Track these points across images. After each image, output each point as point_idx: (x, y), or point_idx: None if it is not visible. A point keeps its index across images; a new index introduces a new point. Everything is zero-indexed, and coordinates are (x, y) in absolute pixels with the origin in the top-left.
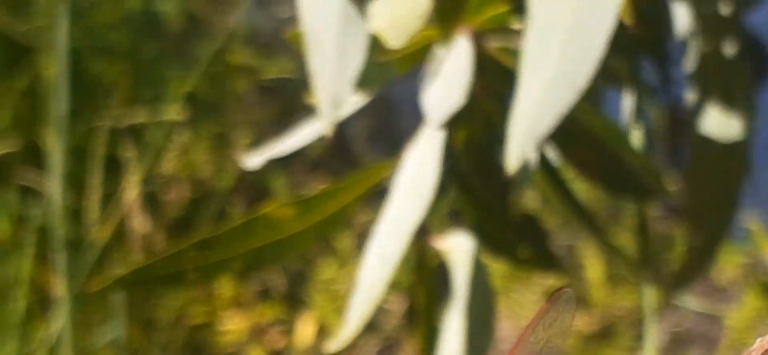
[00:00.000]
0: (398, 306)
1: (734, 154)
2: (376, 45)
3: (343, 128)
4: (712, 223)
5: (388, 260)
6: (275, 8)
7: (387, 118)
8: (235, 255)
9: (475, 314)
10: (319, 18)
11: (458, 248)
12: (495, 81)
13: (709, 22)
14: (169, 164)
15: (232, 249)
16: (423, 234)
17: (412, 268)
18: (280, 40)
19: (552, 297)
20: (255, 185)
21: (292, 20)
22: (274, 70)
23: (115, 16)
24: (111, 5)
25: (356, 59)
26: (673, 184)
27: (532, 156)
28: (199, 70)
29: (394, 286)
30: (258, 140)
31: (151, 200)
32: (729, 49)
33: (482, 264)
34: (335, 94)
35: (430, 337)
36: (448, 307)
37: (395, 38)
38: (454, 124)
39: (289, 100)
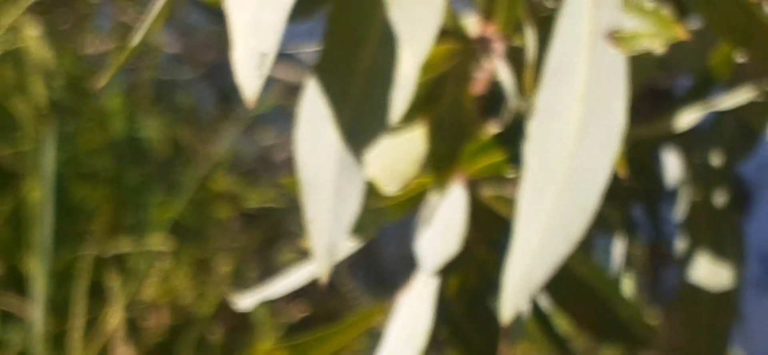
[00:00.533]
0: None
1: (723, 302)
2: (370, 191)
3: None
4: None
5: None
6: (259, 135)
7: (368, 246)
8: None
9: None
10: (316, 164)
11: None
12: (489, 229)
13: (700, 172)
14: (150, 290)
15: None
16: None
17: None
18: (264, 166)
19: None
20: (235, 312)
21: (276, 147)
22: (258, 197)
23: (99, 142)
24: (95, 131)
25: (353, 206)
26: (656, 320)
27: (526, 306)
28: (183, 196)
29: None
30: (240, 268)
31: (132, 326)
32: (719, 198)
33: None
34: (331, 241)
35: None
36: None
37: (390, 185)
38: (448, 271)
39: (272, 228)
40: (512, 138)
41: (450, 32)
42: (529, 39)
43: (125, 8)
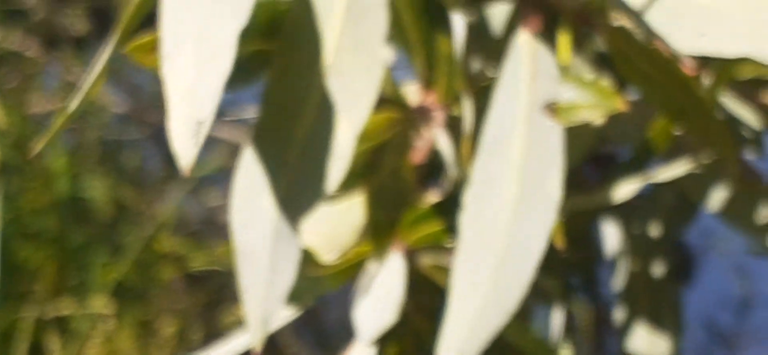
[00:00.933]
0: None
1: None
2: (308, 259)
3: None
4: None
5: None
6: (205, 196)
7: (313, 308)
8: None
9: None
10: (251, 234)
11: None
12: (427, 298)
13: (638, 242)
14: (92, 352)
15: None
16: None
17: None
18: (209, 227)
19: None
20: None
21: (221, 208)
22: (202, 258)
23: (43, 201)
24: (40, 191)
25: (288, 276)
26: None
27: None
28: (127, 257)
29: None
30: (184, 330)
31: None
32: (657, 268)
33: None
34: (265, 312)
35: None
36: None
37: (328, 253)
38: (385, 340)
39: (217, 290)
40: (451, 208)
41: (390, 101)
42: (467, 109)
43: (71, 67)
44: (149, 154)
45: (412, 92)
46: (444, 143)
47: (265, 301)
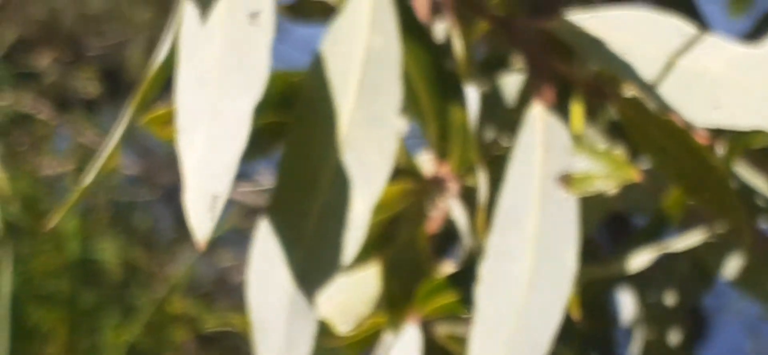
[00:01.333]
0: None
1: None
2: (324, 331)
3: None
4: None
5: None
6: (217, 257)
7: None
8: None
9: None
10: (267, 306)
11: None
12: None
13: (654, 311)
14: None
15: None
16: None
17: None
18: (222, 289)
19: None
20: None
21: (234, 269)
22: (215, 320)
23: (55, 264)
24: (51, 253)
25: (304, 350)
26: None
27: None
28: (139, 319)
29: None
30: None
31: None
32: (673, 337)
33: None
34: None
35: None
36: None
37: (344, 324)
38: None
39: (230, 351)
40: (466, 279)
41: (404, 171)
42: (481, 180)
43: (83, 129)
44: (161, 216)
45: (427, 162)
46: (459, 214)
47: None
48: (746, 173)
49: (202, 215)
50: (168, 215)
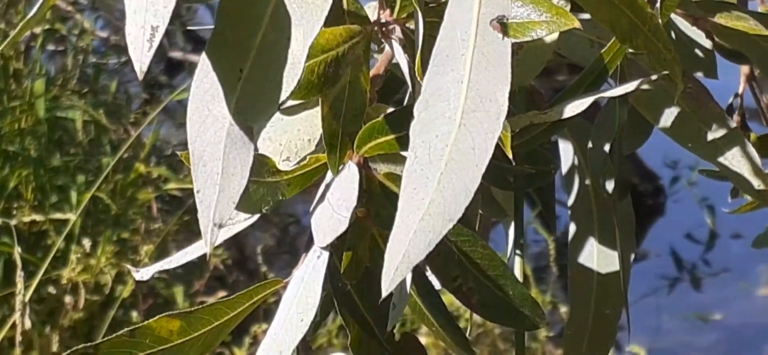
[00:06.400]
0: None
1: (610, 285)
2: (265, 167)
3: (245, 246)
4: (589, 348)
5: None
6: (184, 119)
7: (290, 237)
8: None
9: None
10: (204, 139)
11: None
12: (381, 205)
13: (592, 159)
14: (70, 271)
15: None
16: (306, 352)
17: None
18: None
19: None
20: (155, 294)
21: None
22: (180, 181)
23: (23, 123)
24: (19, 113)
25: (240, 181)
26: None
27: (408, 279)
28: (105, 180)
29: None
30: (161, 250)
31: (51, 305)
32: (609, 184)
33: None
34: (217, 214)
35: None
36: None
37: (286, 162)
38: (339, 245)
39: (194, 211)
40: (405, 119)
41: (350, 14)
42: (419, 24)
43: None
44: (129, 80)
45: (372, 9)
46: (400, 57)
47: (217, 205)
48: (683, 25)
49: (141, 46)
50: (136, 80)
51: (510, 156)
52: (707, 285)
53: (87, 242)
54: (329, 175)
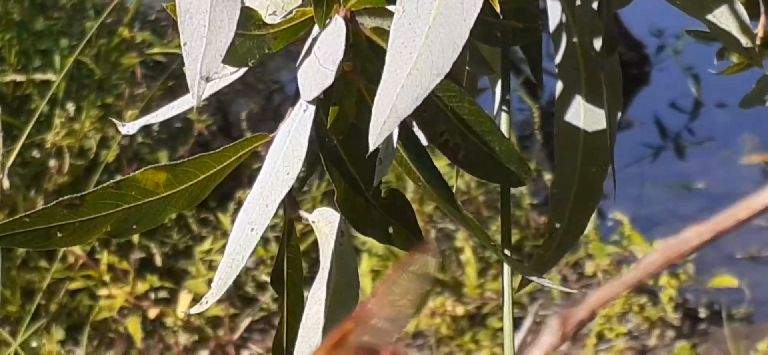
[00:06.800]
0: None
1: (596, 143)
2: (252, 20)
3: (229, 112)
4: (574, 208)
5: (255, 228)
6: None
7: (275, 104)
8: (104, 216)
9: (339, 284)
10: None
11: (325, 221)
12: (368, 60)
13: (580, 16)
14: (54, 135)
15: (100, 209)
16: (292, 206)
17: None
18: (172, 17)
19: (414, 252)
20: (139, 159)
21: None
22: (164, 45)
23: None
24: None
25: (227, 33)
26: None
27: (395, 134)
28: (87, 43)
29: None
30: (145, 115)
31: (36, 169)
32: (598, 42)
33: (348, 237)
34: (204, 67)
35: (295, 306)
36: (315, 277)
37: (271, 15)
38: (326, 100)
39: (178, 76)
40: None
41: None
42: None
43: None
44: None
45: None
46: None
47: (204, 57)
48: None
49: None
50: None
51: (498, 11)
52: (691, 154)
53: (71, 107)
54: (316, 29)
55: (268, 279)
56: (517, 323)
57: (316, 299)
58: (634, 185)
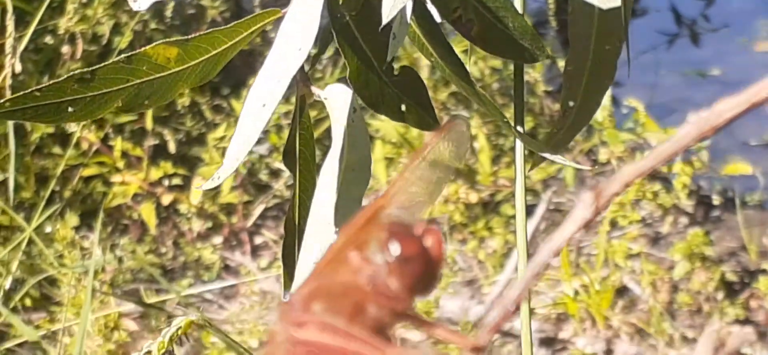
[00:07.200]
0: None
1: (611, 21)
2: None
3: None
4: (588, 86)
5: (267, 103)
6: None
7: None
8: (115, 91)
9: (351, 160)
10: None
11: (337, 98)
12: None
13: None
14: (67, 20)
15: (112, 84)
16: (304, 83)
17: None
18: None
19: (446, 125)
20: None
21: None
22: None
23: None
24: None
25: None
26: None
27: (408, 8)
28: None
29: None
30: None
31: (49, 54)
32: None
33: (360, 114)
34: None
35: (307, 183)
36: (326, 154)
37: None
38: None
39: None
40: None
41: None
42: None
43: None
44: None
45: None
46: None
47: None
48: None
49: None
50: None
51: None
52: (706, 41)
53: None
54: None
55: (281, 167)
56: (530, 210)
57: (328, 175)
58: (649, 72)
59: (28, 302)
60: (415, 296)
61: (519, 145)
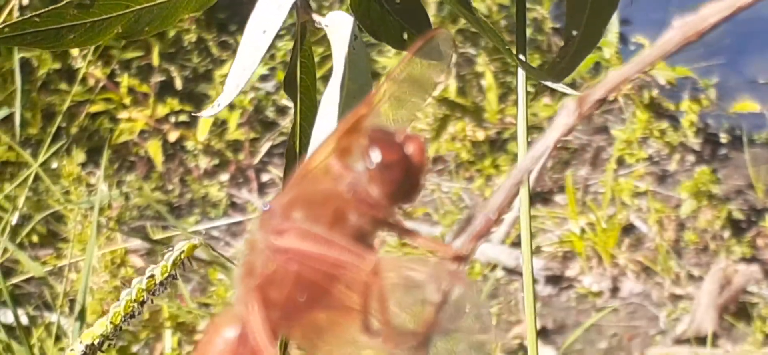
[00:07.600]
0: None
1: None
2: None
3: None
4: (591, 14)
5: (267, 30)
6: None
7: None
8: (115, 17)
9: (352, 88)
10: None
11: (337, 25)
12: None
13: None
14: None
15: (111, 9)
16: (305, 10)
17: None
18: None
19: (426, 38)
20: None
21: None
22: None
23: None
24: None
25: None
26: None
27: None
28: None
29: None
30: None
31: None
32: None
33: (361, 41)
34: None
35: (308, 111)
36: (328, 81)
37: None
38: None
39: None
40: None
41: None
42: None
43: None
44: None
45: None
46: None
47: None
48: None
49: None
50: None
51: None
52: None
53: None
54: None
55: (289, 104)
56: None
57: (328, 103)
58: (658, 9)
59: (34, 238)
60: (396, 203)
61: (521, 73)
